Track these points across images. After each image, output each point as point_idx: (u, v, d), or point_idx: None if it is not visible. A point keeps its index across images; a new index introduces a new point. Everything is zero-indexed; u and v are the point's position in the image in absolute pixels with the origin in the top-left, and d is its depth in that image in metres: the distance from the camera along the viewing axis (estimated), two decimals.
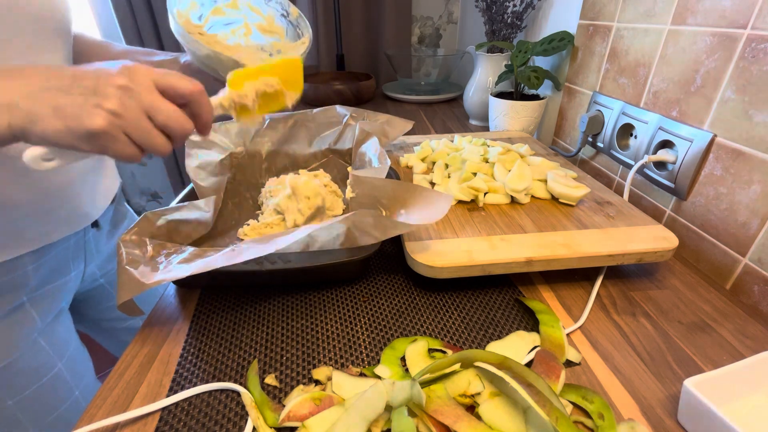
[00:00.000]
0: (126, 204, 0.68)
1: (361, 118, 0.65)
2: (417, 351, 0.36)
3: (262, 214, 0.54)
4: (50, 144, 0.29)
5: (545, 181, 0.55)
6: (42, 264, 0.48)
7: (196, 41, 0.45)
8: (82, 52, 0.56)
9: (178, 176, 1.50)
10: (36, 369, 0.49)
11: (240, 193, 0.60)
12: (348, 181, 0.49)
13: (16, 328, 0.46)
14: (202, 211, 0.49)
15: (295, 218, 0.50)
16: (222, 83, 0.44)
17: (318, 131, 0.65)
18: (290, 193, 0.51)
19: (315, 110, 0.65)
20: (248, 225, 0.51)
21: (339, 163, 0.66)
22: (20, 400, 0.47)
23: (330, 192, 0.56)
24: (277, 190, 0.54)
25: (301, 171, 0.60)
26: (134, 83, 0.30)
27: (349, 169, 0.63)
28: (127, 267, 0.37)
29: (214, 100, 0.37)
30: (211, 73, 0.50)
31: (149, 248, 0.40)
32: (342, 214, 0.45)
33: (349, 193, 0.49)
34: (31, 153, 0.30)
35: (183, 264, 0.38)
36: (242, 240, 0.48)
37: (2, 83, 0.29)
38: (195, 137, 0.54)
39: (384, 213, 0.44)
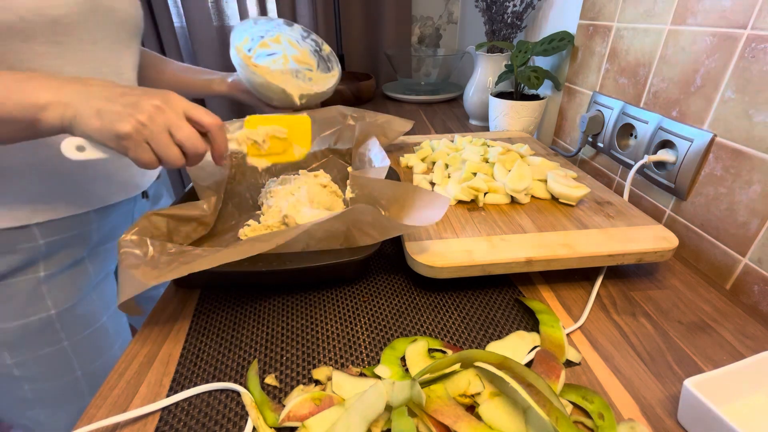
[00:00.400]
0: (163, 185, 0.77)
1: (361, 118, 0.65)
2: (417, 351, 0.36)
3: (262, 214, 0.54)
4: (88, 138, 0.36)
5: (545, 181, 0.55)
6: (103, 224, 0.57)
7: (254, 72, 0.59)
8: (146, 65, 0.66)
9: (178, 176, 1.50)
10: (87, 317, 0.56)
11: (240, 193, 0.60)
12: (347, 181, 0.49)
13: (77, 278, 0.55)
14: (202, 211, 0.49)
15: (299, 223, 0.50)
16: (264, 104, 0.64)
17: (318, 131, 0.65)
18: (305, 202, 0.51)
19: (315, 110, 0.65)
20: (248, 226, 0.51)
21: (339, 163, 0.66)
22: (74, 342, 0.55)
23: (330, 192, 0.56)
24: (277, 191, 0.54)
25: (301, 171, 0.60)
26: (167, 105, 0.37)
27: (349, 169, 0.63)
28: (127, 267, 0.37)
29: (231, 135, 0.44)
30: (259, 96, 0.63)
31: (150, 248, 0.40)
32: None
33: (348, 194, 0.49)
34: (69, 142, 0.36)
35: (183, 263, 0.38)
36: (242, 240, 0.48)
37: (68, 86, 0.36)
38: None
39: (382, 212, 0.44)
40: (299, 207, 0.49)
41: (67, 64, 0.44)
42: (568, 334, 0.39)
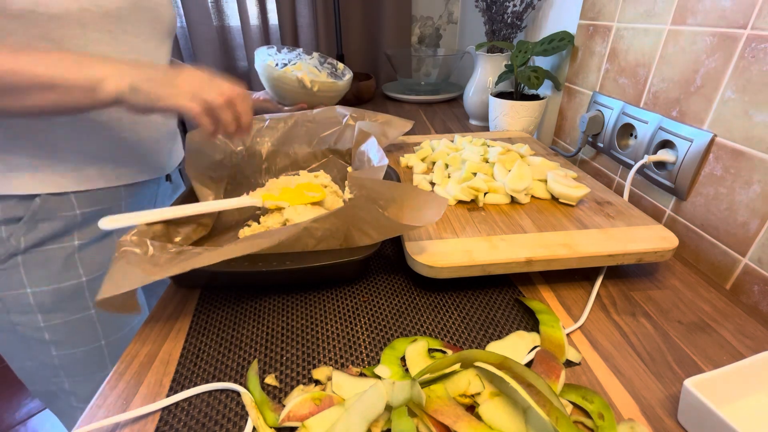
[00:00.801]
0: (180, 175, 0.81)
1: (361, 118, 0.65)
2: (417, 351, 0.36)
3: (262, 215, 0.54)
4: (143, 106, 0.42)
5: (545, 181, 0.55)
6: (132, 201, 0.61)
7: (274, 68, 0.75)
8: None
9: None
10: None
11: (240, 193, 0.60)
12: (346, 182, 0.49)
13: (107, 250, 0.59)
14: (203, 213, 0.49)
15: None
16: (277, 104, 0.81)
17: (318, 131, 0.65)
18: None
19: (315, 110, 0.65)
20: (248, 226, 0.51)
21: (339, 163, 0.66)
22: (100, 310, 0.58)
23: (331, 192, 0.56)
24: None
25: (301, 172, 0.60)
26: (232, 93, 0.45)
27: (349, 169, 0.63)
28: (126, 264, 0.37)
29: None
30: (274, 94, 0.79)
31: (150, 248, 0.40)
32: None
33: (347, 194, 0.49)
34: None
35: (184, 260, 0.38)
36: None
37: (124, 65, 0.42)
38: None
39: (381, 211, 0.45)
40: (299, 209, 0.49)
41: (114, 52, 0.50)
42: (568, 334, 0.39)
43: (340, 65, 0.90)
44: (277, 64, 0.82)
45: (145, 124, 0.58)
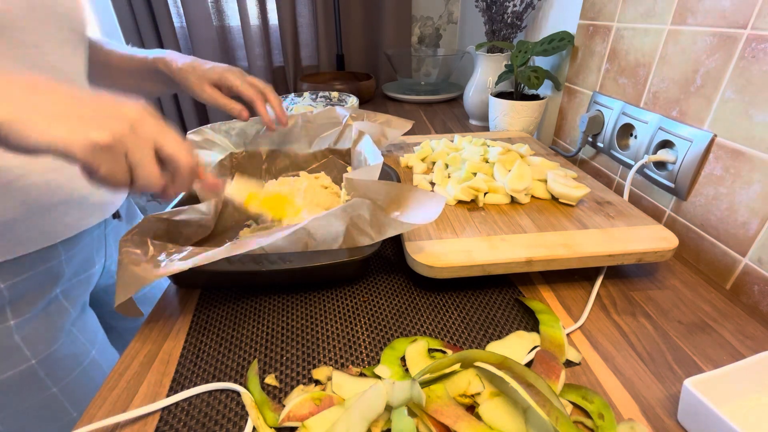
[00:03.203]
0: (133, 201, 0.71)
1: (360, 118, 0.65)
2: (417, 351, 0.36)
3: (261, 215, 0.54)
4: (34, 148, 0.27)
5: (545, 181, 0.55)
6: (73, 255, 0.51)
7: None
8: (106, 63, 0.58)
9: None
10: (74, 356, 0.51)
11: None
12: (342, 184, 0.49)
13: (55, 319, 0.49)
14: (203, 214, 0.49)
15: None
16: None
17: (318, 131, 0.65)
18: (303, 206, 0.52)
19: (315, 110, 0.65)
20: (248, 227, 0.51)
21: (339, 163, 0.66)
22: (63, 386, 0.50)
23: (332, 193, 0.56)
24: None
25: (301, 173, 0.60)
26: (141, 124, 0.30)
27: (349, 169, 0.63)
28: (128, 264, 0.37)
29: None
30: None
31: (150, 248, 0.40)
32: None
33: (344, 196, 0.49)
34: None
35: (185, 260, 0.38)
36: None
37: (10, 86, 0.28)
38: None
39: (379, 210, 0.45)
40: (299, 213, 0.50)
41: (16, 66, 0.39)
42: (568, 334, 0.39)
43: (334, 93, 0.93)
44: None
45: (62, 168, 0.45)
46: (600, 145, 0.68)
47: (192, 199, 0.53)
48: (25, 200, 0.43)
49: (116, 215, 0.60)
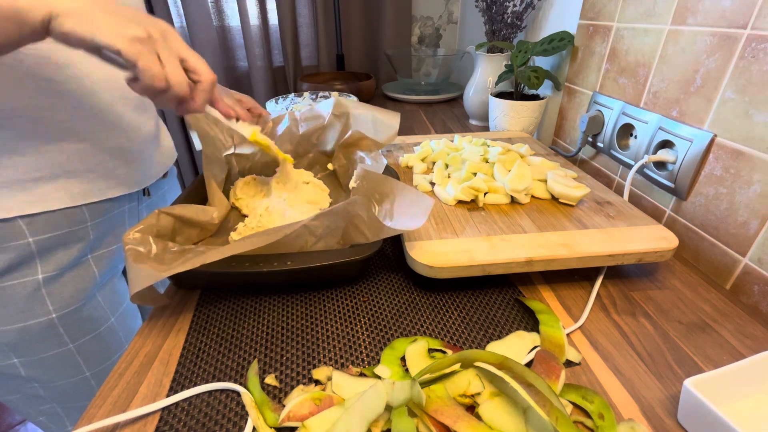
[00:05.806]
0: (178, 181, 0.73)
1: (344, 110, 0.62)
2: (417, 351, 0.36)
3: (246, 215, 0.55)
4: (80, 40, 0.33)
5: (545, 181, 0.55)
6: (100, 222, 0.53)
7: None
8: None
9: (178, 178, 1.50)
10: (93, 320, 0.55)
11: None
12: (356, 172, 0.50)
13: (82, 279, 0.53)
14: (211, 219, 0.50)
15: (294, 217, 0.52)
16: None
17: (299, 130, 0.65)
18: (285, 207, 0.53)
19: (300, 111, 0.65)
20: (243, 224, 0.52)
21: (322, 158, 0.65)
22: (80, 344, 0.54)
23: (314, 187, 0.58)
24: (253, 204, 0.56)
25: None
26: (170, 36, 0.36)
27: (329, 165, 0.64)
28: (134, 262, 0.37)
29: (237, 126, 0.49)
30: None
31: (153, 246, 0.40)
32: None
33: (352, 183, 0.50)
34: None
35: (189, 259, 0.38)
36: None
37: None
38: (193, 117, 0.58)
39: (375, 207, 0.46)
40: (281, 212, 0.51)
41: None
42: (568, 334, 0.39)
43: (334, 93, 0.91)
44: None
45: (114, 124, 0.50)
46: (600, 145, 0.68)
47: (191, 195, 0.53)
48: (51, 155, 0.46)
49: (146, 192, 0.62)
